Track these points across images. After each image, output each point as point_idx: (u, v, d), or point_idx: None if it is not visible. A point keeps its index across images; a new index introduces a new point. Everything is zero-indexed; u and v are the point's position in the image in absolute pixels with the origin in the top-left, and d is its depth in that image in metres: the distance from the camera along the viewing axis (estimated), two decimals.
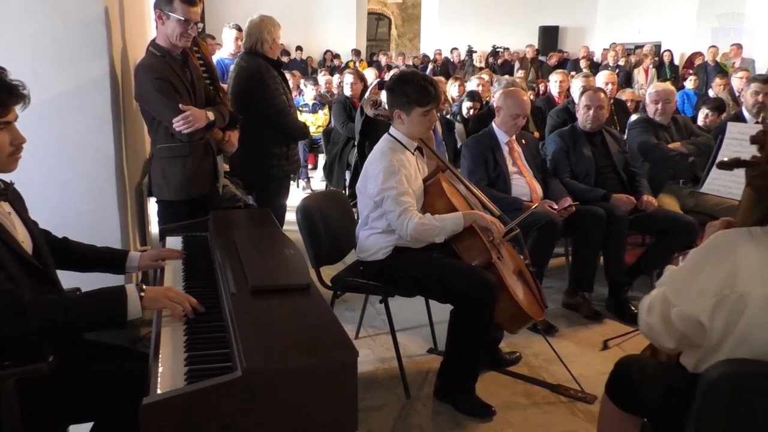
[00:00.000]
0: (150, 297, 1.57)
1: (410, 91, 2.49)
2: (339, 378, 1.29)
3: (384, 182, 2.46)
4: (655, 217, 3.59)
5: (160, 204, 2.93)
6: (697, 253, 1.40)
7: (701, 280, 1.34)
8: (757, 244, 1.31)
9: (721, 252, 1.33)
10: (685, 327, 1.39)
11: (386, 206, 2.47)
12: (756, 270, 1.28)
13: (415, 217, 2.44)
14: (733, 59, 10.69)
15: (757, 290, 1.27)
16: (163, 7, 2.66)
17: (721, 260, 1.32)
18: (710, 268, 1.33)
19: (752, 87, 3.98)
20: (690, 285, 1.37)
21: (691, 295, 1.35)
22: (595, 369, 2.86)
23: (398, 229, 2.47)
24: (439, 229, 2.47)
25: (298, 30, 12.44)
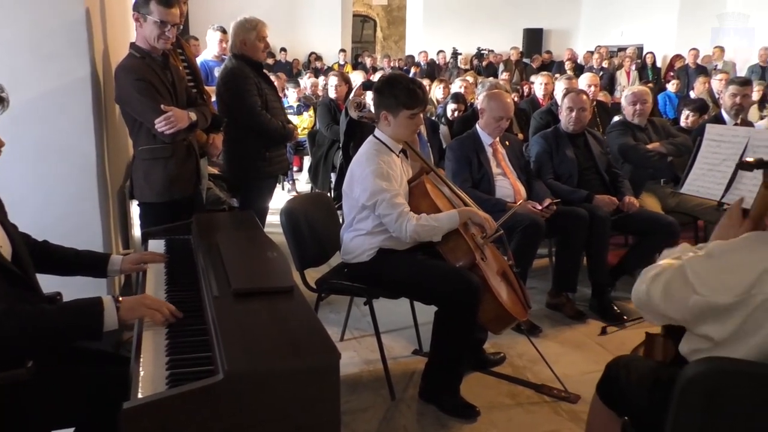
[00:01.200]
0: (126, 308, 1.55)
1: (398, 93, 2.50)
2: (321, 380, 1.29)
3: (375, 186, 2.46)
4: (637, 217, 3.63)
5: (142, 206, 2.91)
6: (726, 247, 1.39)
7: (728, 275, 1.33)
8: None
9: (756, 250, 1.33)
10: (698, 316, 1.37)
11: (381, 210, 2.47)
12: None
13: (412, 218, 2.45)
14: (715, 61, 10.85)
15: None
16: (140, 9, 2.65)
17: (754, 258, 1.32)
18: (741, 264, 1.33)
19: (730, 89, 4.05)
20: (717, 276, 1.35)
21: (717, 287, 1.34)
22: (578, 369, 2.88)
23: (396, 232, 2.48)
24: (437, 228, 2.49)
25: (282, 32, 12.40)
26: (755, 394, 1.25)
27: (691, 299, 1.37)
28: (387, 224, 2.49)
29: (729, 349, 1.33)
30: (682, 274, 1.40)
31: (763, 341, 1.30)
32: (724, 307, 1.33)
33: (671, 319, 1.46)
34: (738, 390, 1.26)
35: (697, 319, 1.38)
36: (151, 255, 2.10)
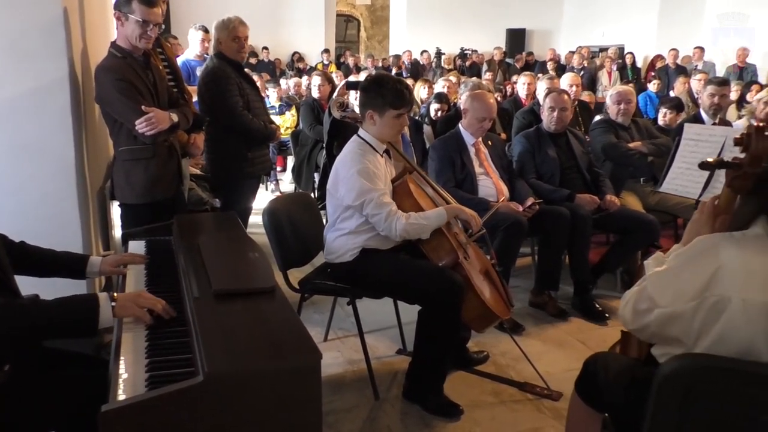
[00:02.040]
0: (121, 305, 1.55)
1: (386, 93, 2.50)
2: (302, 381, 1.29)
3: (362, 186, 2.46)
4: (618, 216, 3.67)
5: (123, 208, 2.89)
6: (681, 256, 1.43)
7: (684, 282, 1.37)
8: (739, 248, 1.33)
9: (705, 256, 1.36)
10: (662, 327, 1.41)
11: (369, 210, 2.47)
12: (737, 274, 1.31)
13: (402, 217, 2.46)
14: (695, 62, 11.00)
15: (737, 294, 1.30)
16: (122, 8, 2.62)
17: (704, 264, 1.34)
18: (693, 271, 1.36)
19: (708, 89, 4.10)
20: (673, 286, 1.39)
21: (673, 296, 1.38)
22: (560, 366, 2.90)
23: (386, 231, 2.48)
24: (426, 226, 2.50)
25: (265, 31, 12.34)
26: (729, 390, 1.27)
27: (654, 312, 1.41)
28: (375, 224, 2.49)
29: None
30: (644, 292, 1.46)
31: (715, 341, 1.33)
32: (684, 313, 1.36)
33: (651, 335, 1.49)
34: (712, 386, 1.28)
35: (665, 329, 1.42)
36: (131, 256, 2.08)
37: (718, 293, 1.31)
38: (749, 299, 1.29)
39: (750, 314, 1.29)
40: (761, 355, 1.31)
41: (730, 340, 1.32)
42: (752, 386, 1.27)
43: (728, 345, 1.32)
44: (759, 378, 1.27)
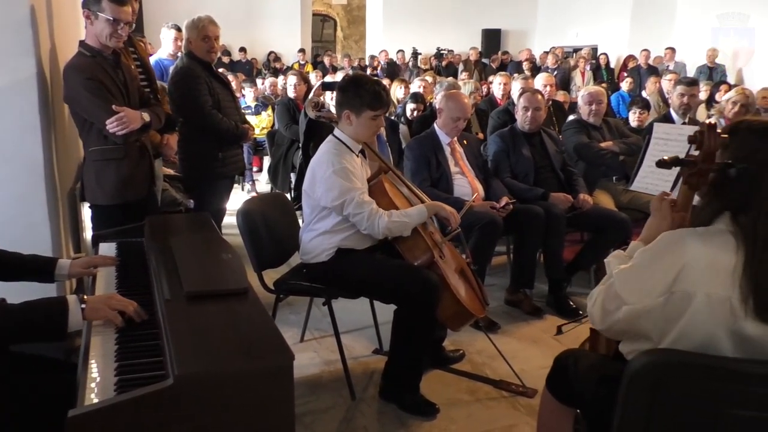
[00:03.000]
0: (91, 307, 1.53)
1: (364, 93, 2.50)
2: (275, 382, 1.28)
3: (342, 185, 2.46)
4: (591, 214, 3.72)
5: (93, 209, 2.84)
6: (646, 252, 1.44)
7: (651, 278, 1.39)
8: (704, 244, 1.36)
9: (671, 252, 1.38)
10: (630, 324, 1.44)
11: (351, 210, 2.47)
12: (702, 270, 1.33)
13: (384, 215, 2.47)
14: (666, 62, 11.20)
15: (701, 289, 1.32)
16: (91, 7, 2.57)
17: (670, 260, 1.37)
18: (660, 268, 1.38)
19: (678, 89, 4.18)
20: (640, 283, 1.41)
21: (640, 293, 1.40)
22: (535, 363, 2.93)
23: (369, 230, 2.49)
24: (407, 223, 2.52)
25: (241, 31, 12.26)
26: (696, 384, 1.30)
27: (622, 310, 1.43)
28: (358, 223, 2.49)
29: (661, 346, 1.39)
30: (612, 290, 1.47)
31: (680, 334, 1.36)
32: (652, 309, 1.39)
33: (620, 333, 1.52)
34: (680, 380, 1.30)
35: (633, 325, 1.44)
36: (101, 258, 2.05)
37: (684, 288, 1.34)
38: (713, 294, 1.32)
39: (713, 308, 1.32)
40: (723, 349, 1.35)
41: (694, 334, 1.35)
42: (718, 380, 1.30)
43: (693, 339, 1.35)
44: (724, 372, 1.30)
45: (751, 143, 1.37)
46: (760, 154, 1.35)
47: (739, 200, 1.36)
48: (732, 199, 1.38)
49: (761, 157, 1.34)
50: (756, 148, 1.36)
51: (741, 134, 1.41)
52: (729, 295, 1.32)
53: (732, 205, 1.38)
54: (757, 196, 1.33)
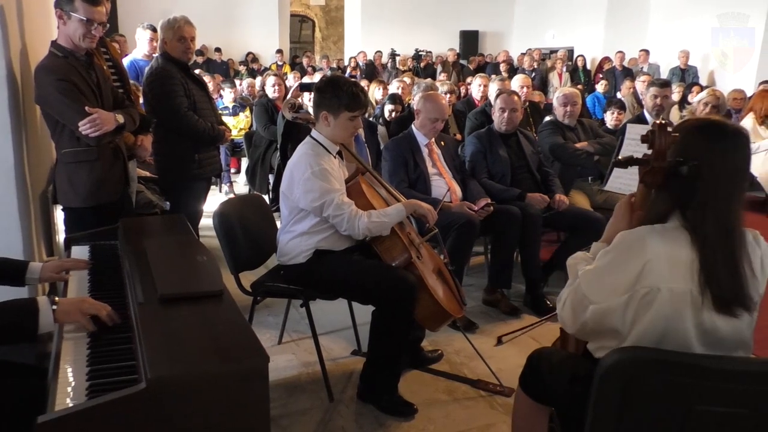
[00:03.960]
0: (62, 310, 1.50)
1: (341, 95, 2.50)
2: (249, 384, 1.27)
3: (321, 187, 2.45)
4: (567, 214, 3.76)
5: (66, 212, 2.80)
6: (609, 253, 1.47)
7: (615, 277, 1.42)
8: (663, 240, 1.39)
9: (633, 250, 1.41)
10: (598, 322, 1.46)
11: (330, 211, 2.46)
12: (664, 266, 1.37)
13: (363, 216, 2.47)
14: (640, 64, 11.37)
15: (664, 285, 1.36)
16: (63, 7, 2.54)
17: (633, 258, 1.39)
18: (623, 266, 1.41)
19: (651, 90, 4.25)
20: (605, 283, 1.44)
21: (605, 292, 1.43)
22: (512, 363, 2.95)
23: (349, 230, 2.49)
24: (387, 223, 2.53)
25: (217, 31, 12.15)
26: (666, 380, 1.32)
27: (588, 310, 1.46)
28: (337, 224, 2.49)
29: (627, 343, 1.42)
30: (578, 291, 1.51)
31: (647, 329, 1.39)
32: (617, 307, 1.42)
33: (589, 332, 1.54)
34: (651, 377, 1.32)
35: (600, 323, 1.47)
36: (73, 262, 2.01)
37: (648, 285, 1.37)
38: (675, 288, 1.36)
39: (677, 302, 1.36)
40: (690, 342, 1.38)
41: (660, 329, 1.38)
42: (688, 377, 1.32)
43: (659, 333, 1.39)
44: (695, 369, 1.33)
45: (693, 141, 1.43)
46: (701, 150, 1.40)
47: (686, 196, 1.41)
48: (680, 195, 1.43)
49: (703, 153, 1.39)
50: (698, 146, 1.41)
51: (686, 132, 1.45)
52: (689, 288, 1.36)
53: (680, 202, 1.43)
54: (700, 191, 1.39)
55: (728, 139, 1.41)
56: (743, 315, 1.40)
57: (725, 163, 1.39)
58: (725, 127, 1.44)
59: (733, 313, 1.38)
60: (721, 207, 1.39)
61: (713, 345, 1.41)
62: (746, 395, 1.33)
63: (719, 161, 1.39)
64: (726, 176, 1.39)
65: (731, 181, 1.40)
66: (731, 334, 1.40)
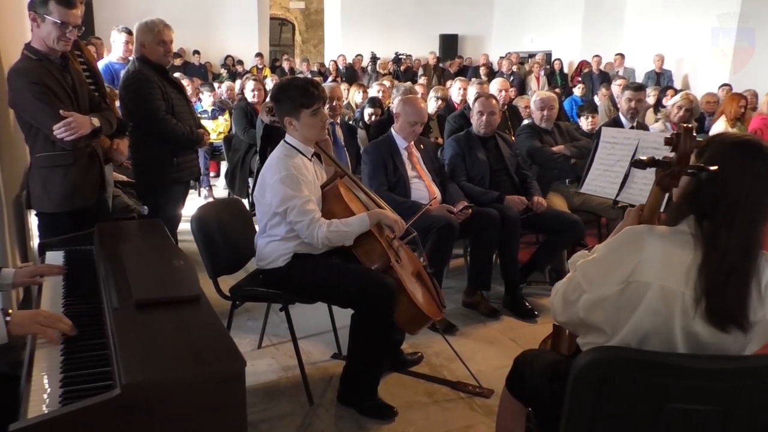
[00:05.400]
0: (16, 322, 1.48)
1: (293, 95, 2.50)
2: (226, 389, 1.27)
3: (285, 193, 2.44)
4: (546, 216, 3.80)
5: (41, 217, 2.76)
6: (608, 245, 1.49)
7: (610, 269, 1.43)
8: (663, 240, 1.40)
9: (631, 245, 1.42)
10: (588, 313, 1.47)
11: (292, 217, 2.45)
12: (658, 262, 1.38)
13: (323, 225, 2.45)
14: (616, 68, 11.53)
15: (656, 281, 1.37)
16: (37, 9, 2.50)
17: (630, 252, 1.41)
18: (619, 259, 1.42)
19: (626, 94, 4.32)
20: (600, 273, 1.45)
21: (600, 282, 1.44)
22: (491, 364, 2.97)
23: (308, 239, 2.47)
24: (348, 233, 2.50)
25: (195, 34, 12.04)
26: (639, 379, 1.34)
27: (581, 299, 1.48)
28: (298, 231, 2.49)
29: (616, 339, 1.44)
30: (574, 281, 1.52)
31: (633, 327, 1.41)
32: (608, 298, 1.43)
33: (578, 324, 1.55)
34: (624, 376, 1.34)
35: (590, 316, 1.48)
36: (47, 267, 1.99)
37: (640, 279, 1.38)
38: (667, 287, 1.37)
39: (667, 301, 1.37)
40: (675, 343, 1.40)
41: (648, 327, 1.40)
42: (661, 375, 1.34)
43: (646, 332, 1.40)
44: (667, 367, 1.35)
45: (725, 154, 1.40)
46: (731, 165, 1.37)
47: (706, 206, 1.40)
48: (701, 203, 1.41)
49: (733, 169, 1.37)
50: (729, 160, 1.38)
51: (719, 145, 1.44)
52: (682, 290, 1.37)
53: (699, 210, 1.41)
54: (723, 203, 1.37)
55: (762, 159, 1.38)
56: (736, 333, 1.38)
57: (756, 184, 1.36)
58: (761, 147, 1.40)
59: (726, 329, 1.37)
60: (745, 227, 1.36)
61: (697, 349, 1.41)
62: (718, 393, 1.35)
63: (750, 180, 1.36)
64: (755, 196, 1.37)
65: (759, 201, 1.37)
66: (714, 343, 1.41)
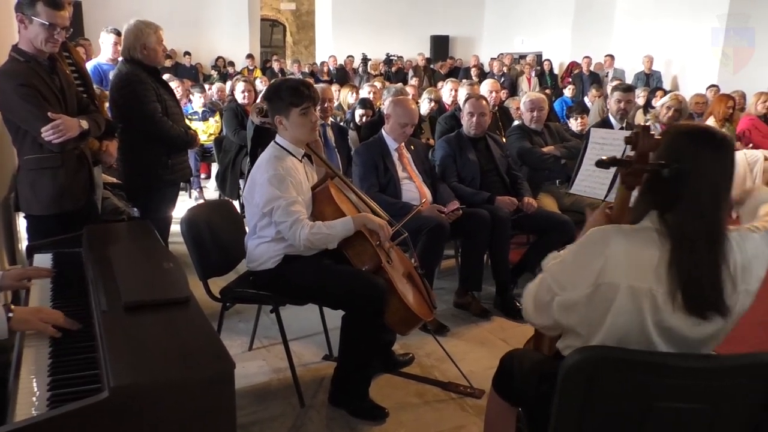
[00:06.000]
0: (18, 318, 1.48)
1: (284, 94, 2.51)
2: (215, 391, 1.26)
3: (271, 193, 2.44)
4: (536, 217, 3.81)
5: (29, 219, 2.74)
6: (574, 247, 1.50)
7: (578, 271, 1.45)
8: (627, 239, 1.42)
9: (597, 246, 1.44)
10: (563, 316, 1.49)
11: (276, 217, 2.45)
12: (623, 262, 1.39)
13: (306, 226, 2.44)
14: (606, 69, 11.60)
15: (624, 281, 1.39)
16: (25, 11, 2.49)
17: (596, 253, 1.42)
18: (586, 260, 1.44)
19: (615, 95, 4.34)
20: (569, 275, 1.47)
21: (570, 284, 1.46)
22: (482, 365, 2.98)
23: (291, 240, 2.47)
24: (330, 236, 2.49)
25: (186, 35, 12.00)
26: (627, 378, 1.35)
27: (554, 302, 1.49)
28: (282, 232, 2.48)
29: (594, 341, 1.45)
30: (544, 283, 1.53)
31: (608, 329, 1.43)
32: (579, 301, 1.45)
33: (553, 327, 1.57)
34: (612, 375, 1.35)
35: (565, 318, 1.49)
36: (34, 270, 1.97)
37: (608, 281, 1.40)
38: (635, 286, 1.39)
39: (637, 301, 1.39)
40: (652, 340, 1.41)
41: (622, 327, 1.41)
42: (647, 374, 1.35)
43: (621, 332, 1.41)
44: (653, 366, 1.36)
45: (681, 145, 1.43)
46: (689, 155, 1.40)
47: (667, 199, 1.42)
48: (662, 198, 1.44)
49: (691, 158, 1.40)
50: (686, 150, 1.41)
51: (673, 136, 1.47)
52: (651, 287, 1.38)
53: (660, 204, 1.44)
54: (684, 193, 1.39)
55: (716, 144, 1.41)
56: (715, 319, 1.40)
57: (714, 169, 1.40)
58: (714, 133, 1.45)
59: (705, 316, 1.39)
60: (707, 212, 1.39)
61: (677, 344, 1.43)
62: (705, 391, 1.37)
63: (708, 166, 1.39)
64: (713, 181, 1.39)
65: (718, 186, 1.40)
66: (694, 334, 1.43)
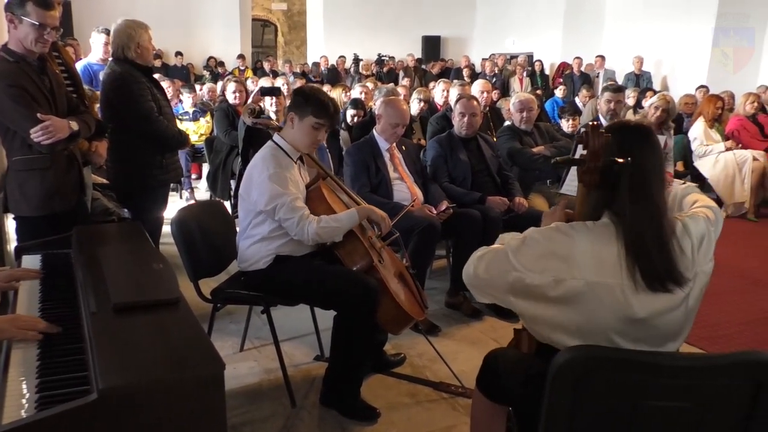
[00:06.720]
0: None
1: (312, 101, 2.54)
2: (205, 392, 1.26)
3: (274, 190, 2.45)
4: (527, 217, 3.81)
5: (18, 221, 2.73)
6: (541, 231, 1.54)
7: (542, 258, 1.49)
8: (589, 237, 1.47)
9: (561, 238, 1.48)
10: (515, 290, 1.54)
11: (282, 215, 2.46)
12: (589, 261, 1.44)
13: (313, 221, 2.47)
14: (597, 69, 11.66)
15: (589, 278, 1.44)
16: (14, 10, 2.47)
17: (560, 245, 1.47)
18: (550, 250, 1.48)
19: (605, 96, 4.38)
20: (532, 259, 1.50)
21: (532, 268, 1.49)
22: (474, 364, 2.94)
23: (299, 235, 2.48)
24: (338, 228, 2.52)
25: (177, 35, 11.96)
26: (616, 377, 1.36)
27: (510, 275, 1.53)
28: (288, 228, 2.49)
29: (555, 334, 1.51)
30: (503, 254, 1.57)
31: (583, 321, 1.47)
32: (536, 287, 1.49)
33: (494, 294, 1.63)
34: (601, 374, 1.36)
35: (515, 294, 1.55)
36: (23, 271, 1.96)
37: (574, 276, 1.44)
38: (601, 282, 1.44)
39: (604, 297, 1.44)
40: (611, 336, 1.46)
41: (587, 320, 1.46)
42: (636, 373, 1.36)
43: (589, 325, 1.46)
44: (643, 365, 1.37)
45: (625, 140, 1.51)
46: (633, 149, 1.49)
47: (611, 192, 1.49)
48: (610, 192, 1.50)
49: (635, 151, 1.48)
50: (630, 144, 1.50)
51: (617, 133, 1.53)
52: (618, 282, 1.43)
53: (609, 198, 1.50)
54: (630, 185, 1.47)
55: (651, 137, 1.53)
56: (677, 291, 1.45)
57: (654, 159, 1.51)
58: (646, 128, 1.57)
59: (667, 288, 1.44)
60: (649, 197, 1.46)
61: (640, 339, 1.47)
62: (691, 390, 1.38)
63: (649, 157, 1.49)
64: (653, 170, 1.49)
65: (657, 174, 1.50)
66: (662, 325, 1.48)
